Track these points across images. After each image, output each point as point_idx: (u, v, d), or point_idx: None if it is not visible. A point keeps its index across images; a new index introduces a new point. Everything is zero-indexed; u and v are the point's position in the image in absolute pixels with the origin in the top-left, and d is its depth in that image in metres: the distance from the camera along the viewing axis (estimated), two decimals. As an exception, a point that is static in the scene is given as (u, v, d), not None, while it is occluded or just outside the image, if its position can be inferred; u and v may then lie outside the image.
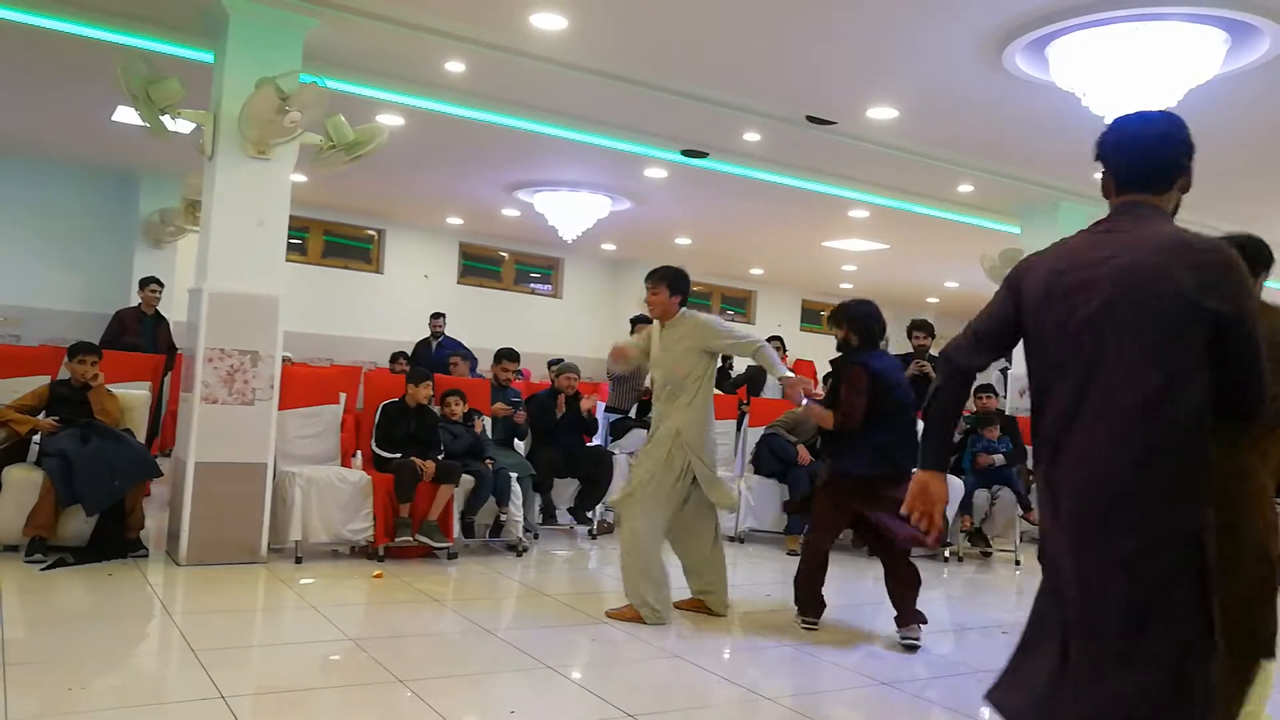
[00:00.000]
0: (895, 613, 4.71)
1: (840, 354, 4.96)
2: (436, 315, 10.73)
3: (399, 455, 5.90)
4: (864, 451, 4.69)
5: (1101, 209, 2.38)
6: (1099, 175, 2.37)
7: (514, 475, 6.32)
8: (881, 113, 6.82)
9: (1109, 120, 2.27)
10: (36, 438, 5.48)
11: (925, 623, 4.67)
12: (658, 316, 4.93)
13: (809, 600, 4.88)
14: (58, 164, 10.32)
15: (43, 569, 4.98)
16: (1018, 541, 7.58)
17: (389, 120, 7.27)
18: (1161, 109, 2.36)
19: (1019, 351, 5.28)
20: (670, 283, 4.86)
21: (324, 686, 3.75)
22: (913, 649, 4.58)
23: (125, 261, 10.54)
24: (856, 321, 4.88)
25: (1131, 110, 2.40)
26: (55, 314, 10.30)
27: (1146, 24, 4.88)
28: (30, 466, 5.36)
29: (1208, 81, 5.17)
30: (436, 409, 6.27)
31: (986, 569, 7.18)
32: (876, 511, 4.65)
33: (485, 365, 9.13)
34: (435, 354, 10.25)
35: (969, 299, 14.28)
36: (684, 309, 4.92)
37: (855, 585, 6.29)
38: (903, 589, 4.70)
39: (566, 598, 5.21)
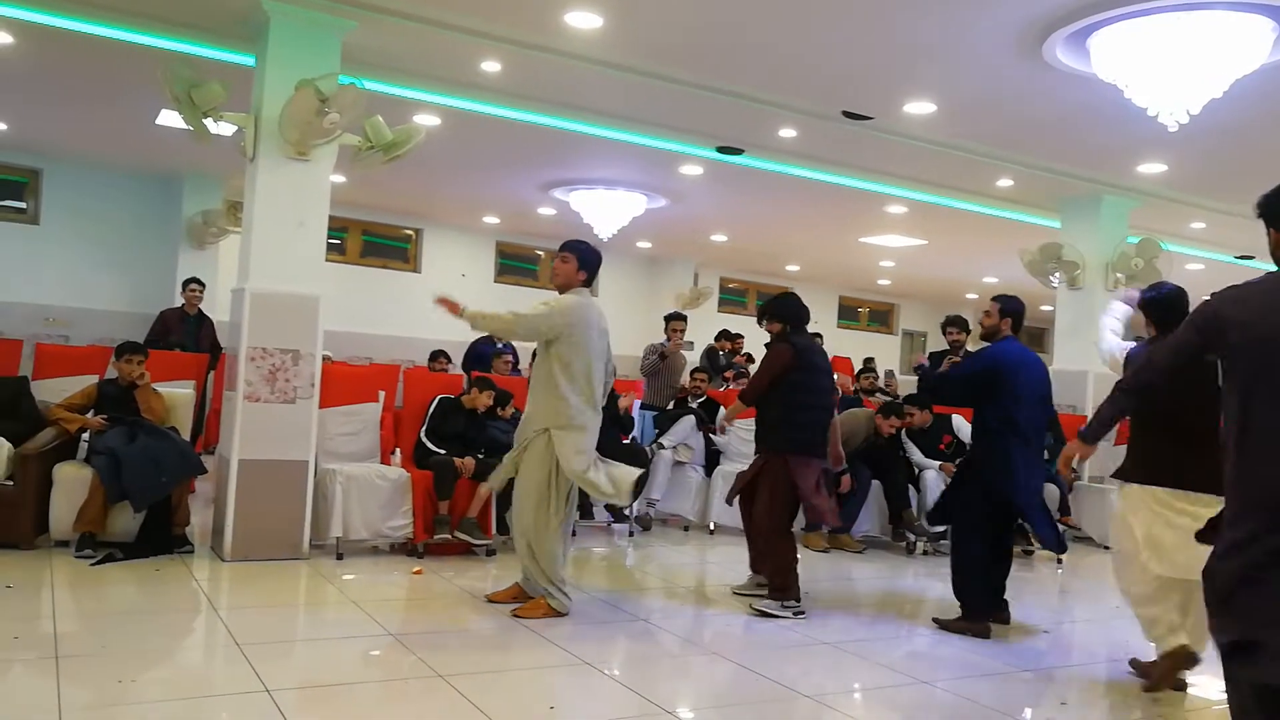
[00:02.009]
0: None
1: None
2: None
3: (443, 451, 5.96)
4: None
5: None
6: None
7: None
8: (919, 107, 6.76)
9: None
10: (85, 435, 5.61)
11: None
12: (559, 286, 4.74)
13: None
14: (104, 168, 10.53)
15: (92, 564, 5.09)
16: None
17: (425, 120, 7.33)
18: None
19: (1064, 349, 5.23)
20: (581, 257, 4.72)
21: (366, 681, 3.79)
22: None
23: (169, 262, 10.73)
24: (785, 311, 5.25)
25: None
26: (102, 314, 10.52)
27: (1191, 13, 4.79)
28: (80, 464, 5.48)
29: (1255, 72, 5.07)
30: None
31: (1028, 567, 7.09)
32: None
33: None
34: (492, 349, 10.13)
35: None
36: (586, 289, 4.77)
37: (895, 581, 6.24)
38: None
39: (604, 594, 5.23)
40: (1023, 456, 4.80)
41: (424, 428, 6.13)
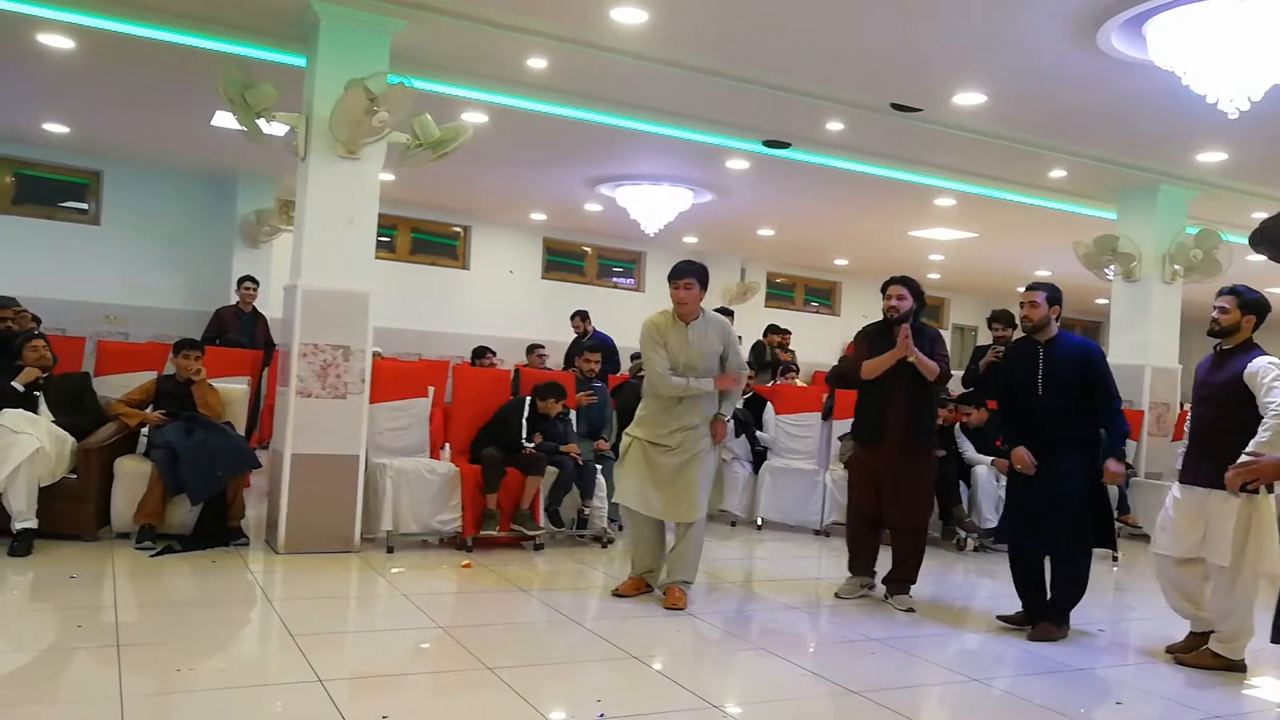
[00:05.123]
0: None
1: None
2: (579, 314, 10.19)
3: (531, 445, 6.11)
4: None
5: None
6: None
7: (598, 468, 6.38)
8: (969, 98, 6.65)
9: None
10: (144, 430, 5.74)
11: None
12: (687, 314, 4.91)
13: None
14: (161, 170, 10.76)
15: (152, 555, 5.21)
16: (1116, 536, 7.32)
17: (473, 118, 7.38)
18: None
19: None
20: (701, 279, 4.91)
21: (416, 672, 3.84)
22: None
23: (224, 261, 10.95)
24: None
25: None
26: (160, 312, 10.75)
27: (1252, -3, 4.66)
28: (139, 458, 5.62)
29: (1319, 56, 4.91)
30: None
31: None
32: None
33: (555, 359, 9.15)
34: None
35: (1062, 288, 13.87)
36: (702, 306, 5.01)
37: (945, 579, 6.17)
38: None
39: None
40: None
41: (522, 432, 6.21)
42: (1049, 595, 4.80)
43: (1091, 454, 4.70)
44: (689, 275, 4.87)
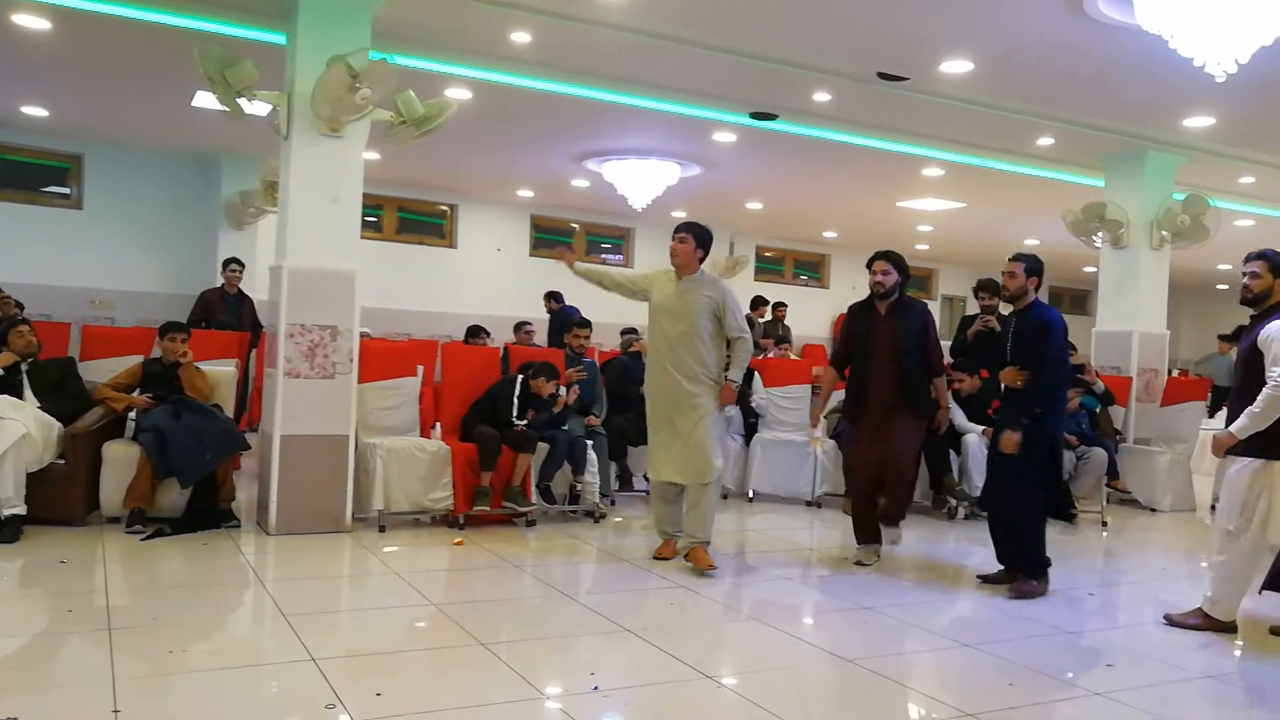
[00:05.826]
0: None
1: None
2: (551, 295, 10.42)
3: (523, 422, 6.08)
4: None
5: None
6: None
7: (589, 443, 6.37)
8: (956, 66, 6.62)
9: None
10: (132, 414, 5.71)
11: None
12: (680, 265, 5.15)
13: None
14: (143, 152, 10.66)
15: (142, 539, 5.20)
16: (1104, 503, 7.39)
17: (457, 94, 7.32)
18: None
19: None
20: (697, 237, 5.13)
21: (409, 650, 3.85)
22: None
23: (210, 243, 10.87)
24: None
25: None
26: (145, 296, 10.69)
27: (1238, -42, 4.62)
28: (128, 442, 5.59)
29: (1307, 17, 4.88)
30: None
31: (1071, 531, 7.01)
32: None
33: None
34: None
35: (1050, 256, 13.86)
36: (702, 268, 5.22)
37: (935, 547, 6.20)
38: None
39: (644, 562, 5.25)
40: None
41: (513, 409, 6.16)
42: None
43: (1045, 423, 4.81)
44: (685, 230, 5.17)
